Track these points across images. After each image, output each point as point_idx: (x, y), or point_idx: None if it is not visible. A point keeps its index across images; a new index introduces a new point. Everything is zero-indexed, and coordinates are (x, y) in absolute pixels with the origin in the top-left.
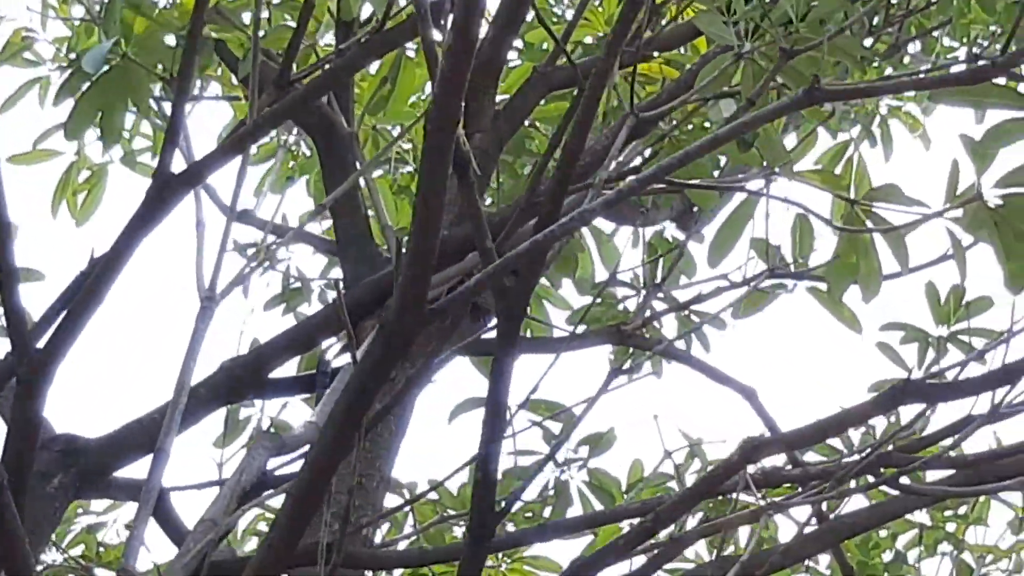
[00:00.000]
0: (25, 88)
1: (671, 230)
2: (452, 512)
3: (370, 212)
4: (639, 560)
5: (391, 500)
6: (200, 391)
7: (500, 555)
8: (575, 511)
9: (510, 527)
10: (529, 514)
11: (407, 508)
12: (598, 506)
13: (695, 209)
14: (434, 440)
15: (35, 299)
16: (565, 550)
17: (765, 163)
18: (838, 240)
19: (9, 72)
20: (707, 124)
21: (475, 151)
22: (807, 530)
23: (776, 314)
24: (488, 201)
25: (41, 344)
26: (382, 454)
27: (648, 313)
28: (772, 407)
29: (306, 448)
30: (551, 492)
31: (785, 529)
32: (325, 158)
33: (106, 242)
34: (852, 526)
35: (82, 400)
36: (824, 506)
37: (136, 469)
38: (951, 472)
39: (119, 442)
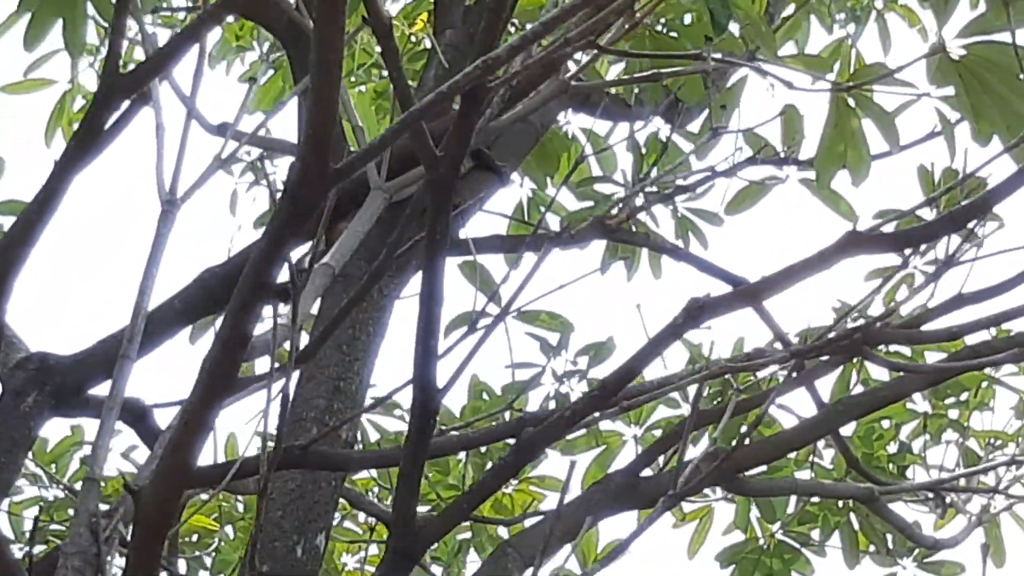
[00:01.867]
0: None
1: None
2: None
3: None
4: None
5: (390, 423)
6: (175, 304)
7: None
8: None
9: None
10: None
11: None
12: (602, 423)
13: (681, 104)
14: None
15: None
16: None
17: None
18: (824, 126)
19: None
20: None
21: (446, 47)
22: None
23: (772, 209)
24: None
25: None
26: (360, 356)
27: (637, 208)
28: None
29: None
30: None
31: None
32: (296, 67)
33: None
34: (848, 412)
35: (61, 319)
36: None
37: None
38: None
39: (93, 358)
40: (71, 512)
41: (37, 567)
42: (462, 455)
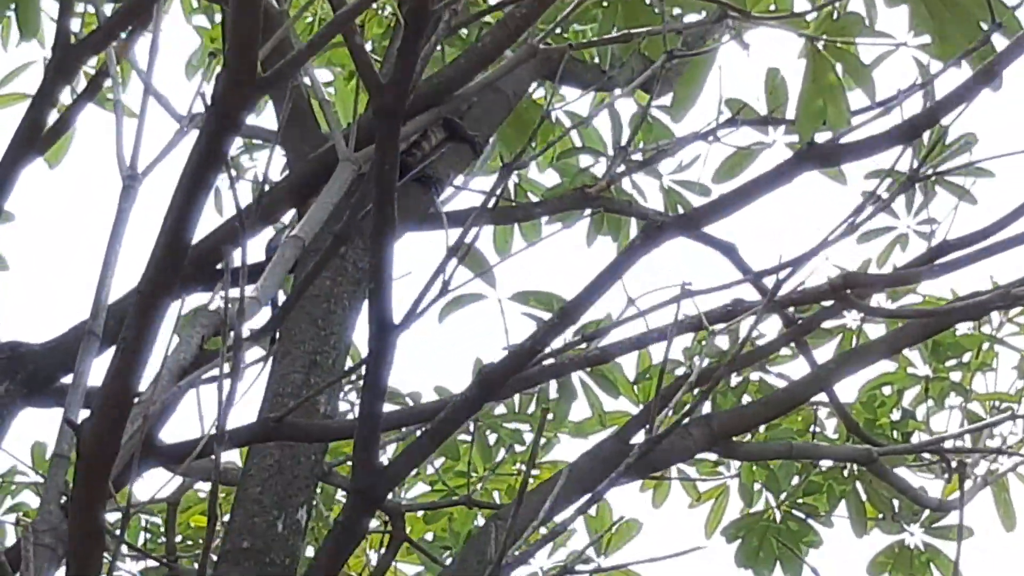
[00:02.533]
0: None
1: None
2: None
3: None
4: None
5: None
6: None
7: None
8: (580, 404)
9: None
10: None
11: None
12: (603, 397)
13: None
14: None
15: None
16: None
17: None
18: (802, 82)
19: None
20: None
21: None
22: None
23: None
24: None
25: None
26: (336, 331)
27: (617, 175)
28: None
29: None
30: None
31: None
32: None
33: (83, 185)
34: (841, 369)
35: (34, 308)
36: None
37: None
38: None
39: (65, 346)
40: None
41: (11, 550)
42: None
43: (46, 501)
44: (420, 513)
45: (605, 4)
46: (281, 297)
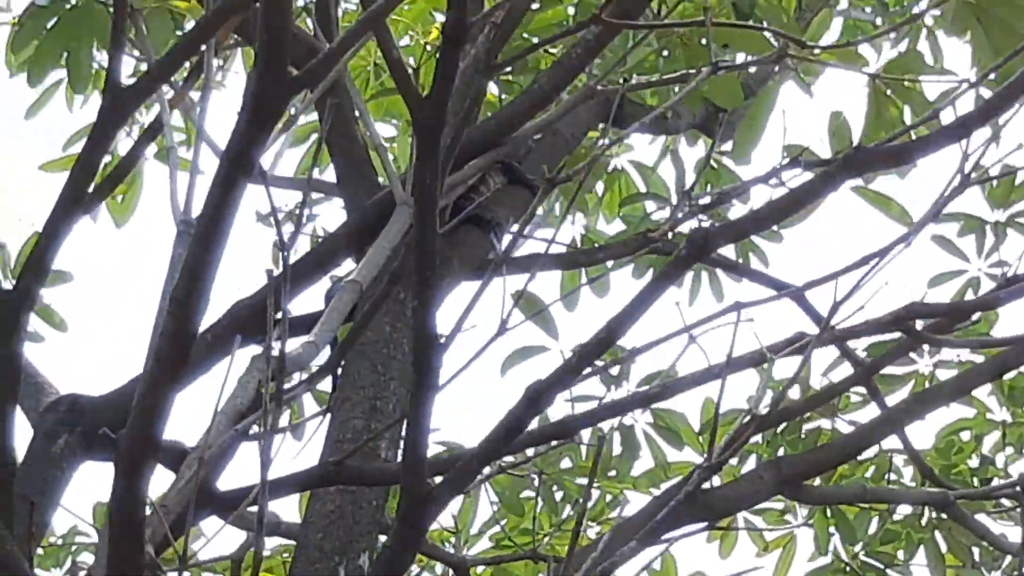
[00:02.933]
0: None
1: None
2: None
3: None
4: None
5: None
6: (207, 337)
7: None
8: (644, 457)
9: None
10: None
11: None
12: (667, 449)
13: (721, 115)
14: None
15: (66, 301)
16: None
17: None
18: (864, 120)
19: None
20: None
21: (472, 59)
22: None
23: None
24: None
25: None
26: (395, 376)
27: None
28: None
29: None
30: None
31: None
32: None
33: (149, 241)
34: (912, 411)
35: (94, 359)
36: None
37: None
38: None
39: (124, 398)
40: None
41: None
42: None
43: (100, 554)
44: (483, 568)
45: (665, 53)
46: None
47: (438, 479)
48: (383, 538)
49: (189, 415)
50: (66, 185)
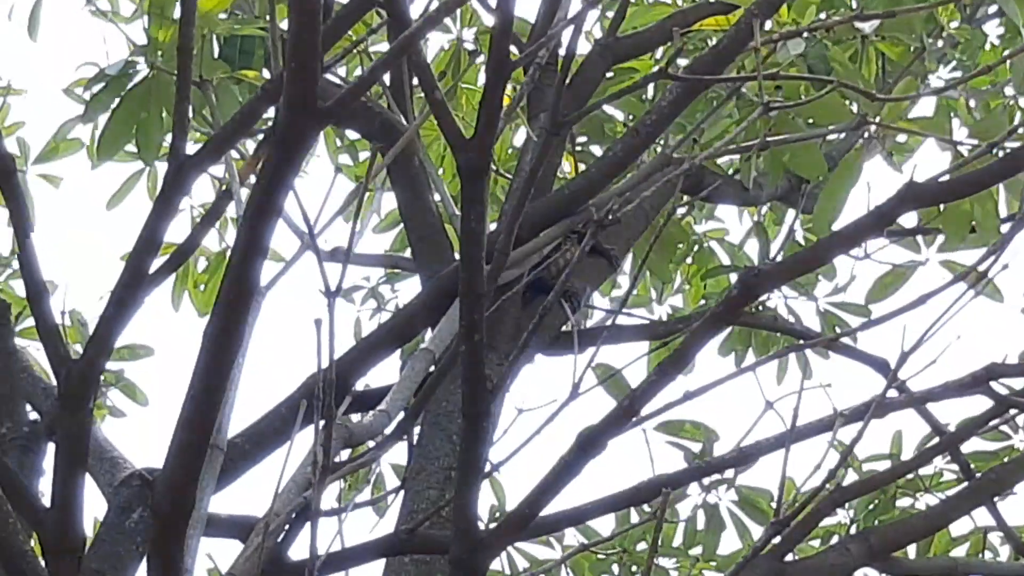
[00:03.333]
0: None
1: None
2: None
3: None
4: None
5: (540, 551)
6: (282, 410)
7: None
8: (729, 534)
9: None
10: None
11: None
12: (751, 525)
13: (804, 186)
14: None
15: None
16: None
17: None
18: None
19: None
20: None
21: (540, 130)
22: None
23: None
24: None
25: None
26: None
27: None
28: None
29: (375, 438)
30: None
31: None
32: (391, 166)
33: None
34: (1002, 480)
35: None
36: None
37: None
38: None
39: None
40: None
41: None
42: None
43: None
44: None
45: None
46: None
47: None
48: None
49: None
50: (130, 258)
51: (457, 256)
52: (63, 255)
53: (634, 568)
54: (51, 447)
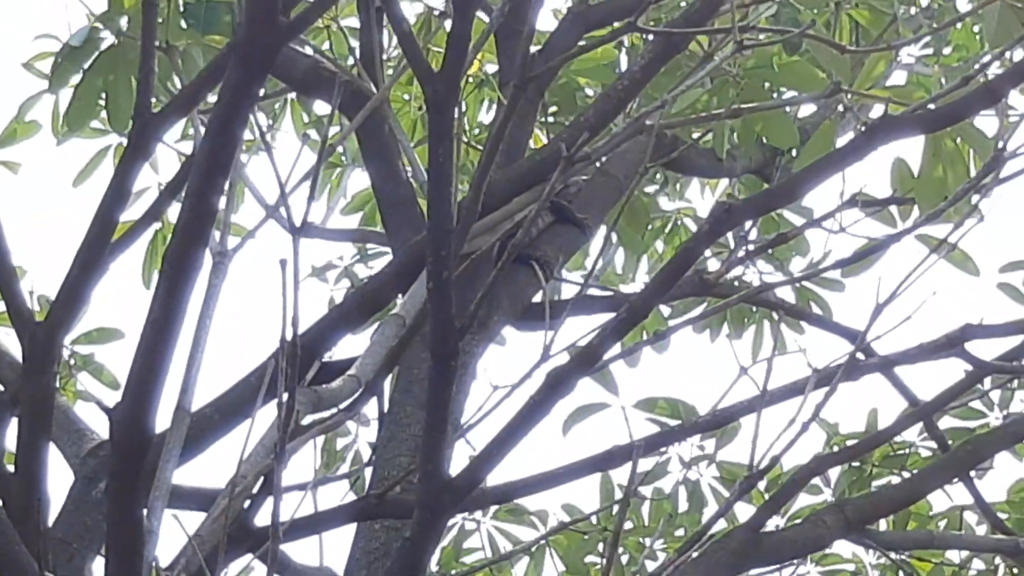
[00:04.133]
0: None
1: None
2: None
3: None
4: None
5: (523, 532)
6: (251, 380)
7: None
8: (711, 510)
9: None
10: None
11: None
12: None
13: (778, 159)
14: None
15: (118, 360)
16: None
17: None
18: (922, 153)
19: None
20: None
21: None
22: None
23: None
24: None
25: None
26: None
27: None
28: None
29: (344, 403)
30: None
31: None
32: (361, 135)
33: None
34: (977, 452)
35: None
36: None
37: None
38: None
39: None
40: None
41: None
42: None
43: None
44: None
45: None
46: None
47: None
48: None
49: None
50: (96, 216)
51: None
52: (27, 240)
53: (620, 548)
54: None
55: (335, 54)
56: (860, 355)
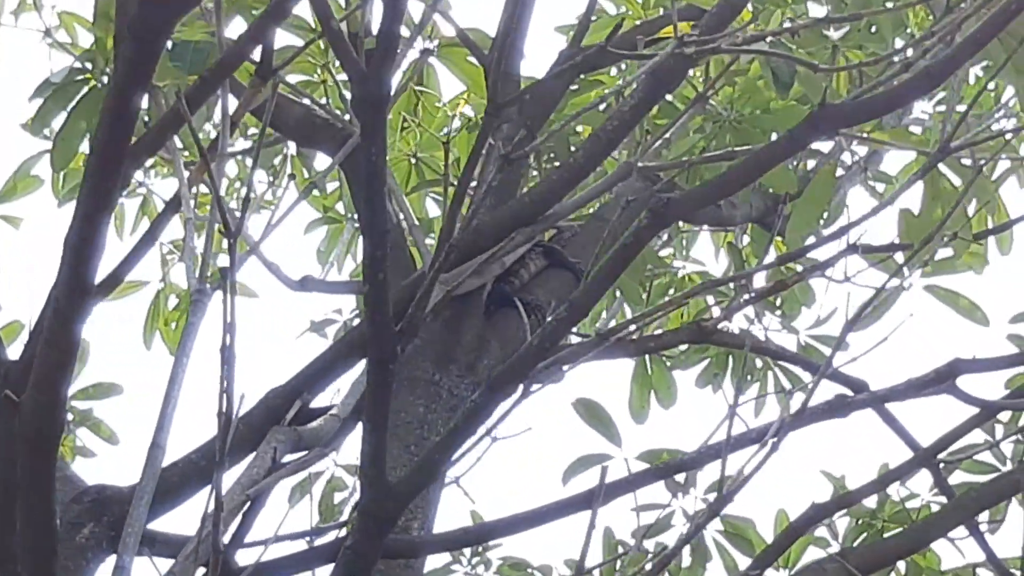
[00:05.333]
0: None
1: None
2: None
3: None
4: None
5: None
6: (240, 427)
7: None
8: (715, 565)
9: None
10: None
11: None
12: (738, 557)
13: (780, 207)
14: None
15: (119, 416)
16: None
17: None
18: (921, 196)
19: None
20: None
21: (505, 139)
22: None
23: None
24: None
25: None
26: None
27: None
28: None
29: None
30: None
31: None
32: (353, 183)
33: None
34: (981, 499)
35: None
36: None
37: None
38: None
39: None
40: None
41: None
42: None
43: None
44: None
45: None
46: None
47: None
48: None
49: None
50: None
51: (419, 267)
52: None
53: None
54: None
55: (331, 105)
56: (850, 392)
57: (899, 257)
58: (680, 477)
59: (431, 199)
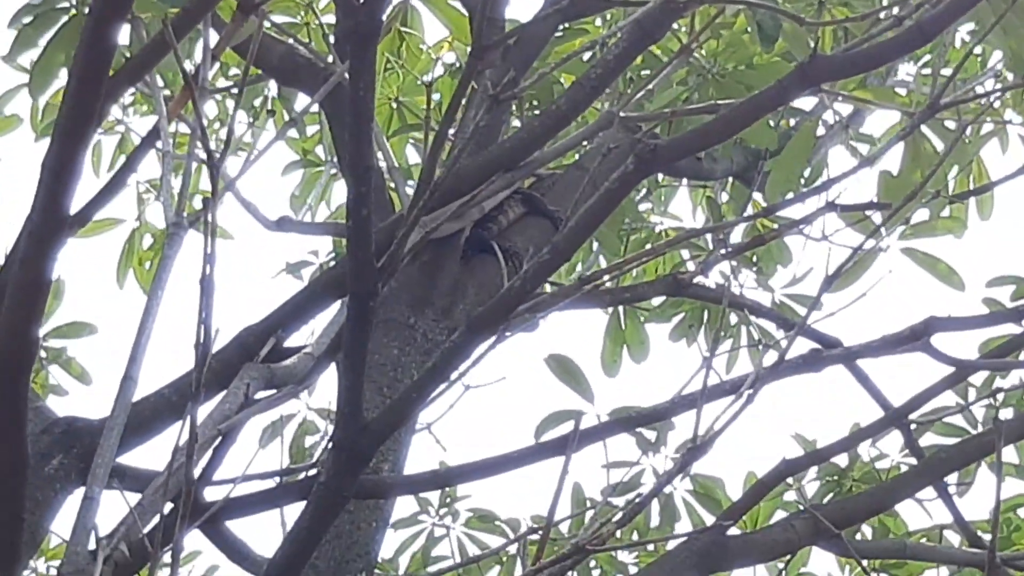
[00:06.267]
0: None
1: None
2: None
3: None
4: None
5: (494, 540)
6: (213, 363)
7: None
8: (684, 525)
9: None
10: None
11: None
12: (705, 516)
13: (760, 163)
14: None
15: (92, 355)
16: None
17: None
18: (901, 158)
19: None
20: None
21: (491, 84)
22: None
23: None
24: None
25: None
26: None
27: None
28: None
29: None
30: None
31: None
32: (334, 124)
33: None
34: (950, 461)
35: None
36: None
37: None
38: None
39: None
40: None
41: None
42: None
43: (73, 543)
44: None
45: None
46: None
47: None
48: None
49: None
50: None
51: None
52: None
53: (592, 562)
54: None
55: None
56: (823, 348)
57: (877, 219)
58: (651, 435)
59: (411, 146)
